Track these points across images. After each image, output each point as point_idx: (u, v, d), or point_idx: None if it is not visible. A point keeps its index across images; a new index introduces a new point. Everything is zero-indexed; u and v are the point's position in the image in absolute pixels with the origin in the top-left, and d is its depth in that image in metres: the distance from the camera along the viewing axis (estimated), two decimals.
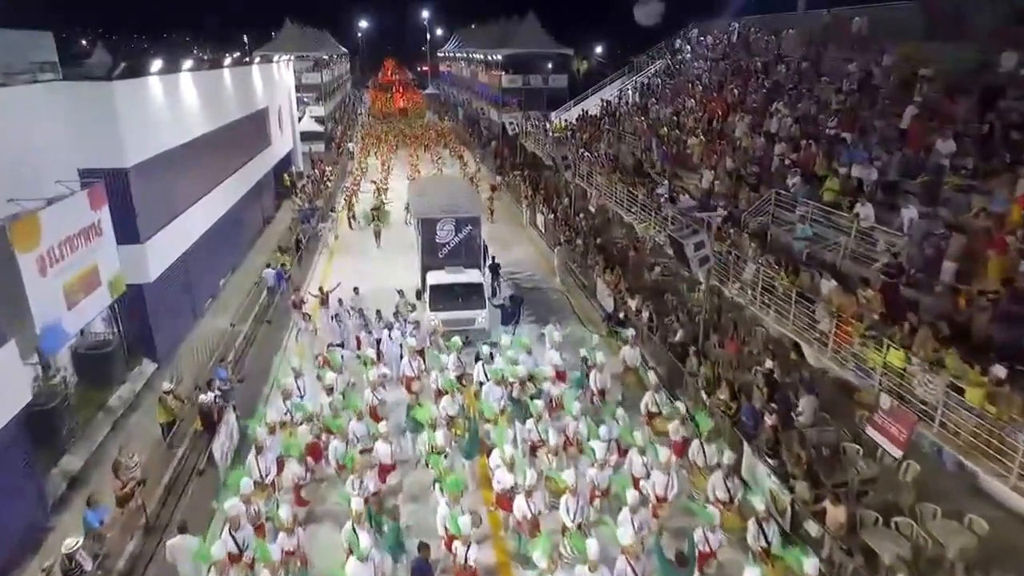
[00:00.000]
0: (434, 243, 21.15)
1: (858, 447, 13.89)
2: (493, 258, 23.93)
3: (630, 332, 17.65)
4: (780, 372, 16.08)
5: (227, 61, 27.97)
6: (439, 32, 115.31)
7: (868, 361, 12.67)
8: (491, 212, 33.31)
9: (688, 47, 40.79)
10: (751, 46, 33.40)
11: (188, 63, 22.24)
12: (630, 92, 38.23)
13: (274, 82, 39.20)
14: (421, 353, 18.19)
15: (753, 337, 19.05)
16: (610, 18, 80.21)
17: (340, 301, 19.89)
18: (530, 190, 36.35)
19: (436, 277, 20.46)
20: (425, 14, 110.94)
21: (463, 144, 61.72)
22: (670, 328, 19.46)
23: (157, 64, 19.21)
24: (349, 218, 33.48)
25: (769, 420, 13.94)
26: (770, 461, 13.55)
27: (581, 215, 30.04)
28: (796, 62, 27.92)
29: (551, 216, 31.49)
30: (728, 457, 12.32)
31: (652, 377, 15.25)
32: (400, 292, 19.80)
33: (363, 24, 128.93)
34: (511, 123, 42.48)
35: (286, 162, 43.20)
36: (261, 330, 21.21)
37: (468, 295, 19.95)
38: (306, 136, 56.61)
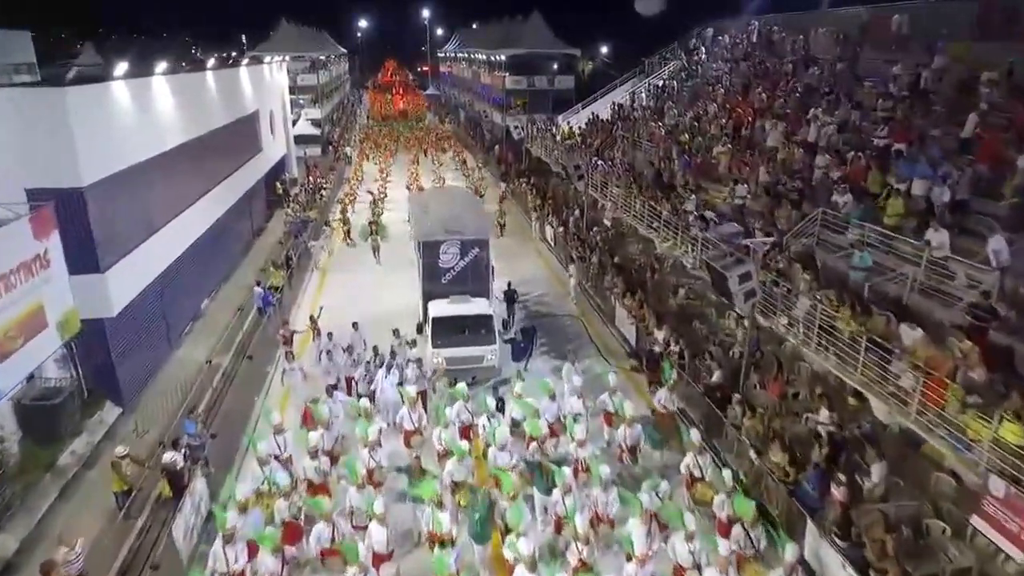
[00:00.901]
0: (436, 268, 18.83)
1: (943, 525, 11.59)
2: (509, 284, 21.61)
3: (672, 374, 15.37)
4: (838, 423, 13.82)
5: (210, 63, 25.61)
6: (439, 32, 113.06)
7: (969, 430, 10.36)
8: (500, 226, 31.01)
9: (703, 47, 38.46)
10: (775, 46, 31.08)
11: (162, 65, 19.86)
12: (643, 95, 35.92)
13: (265, 84, 36.93)
14: (423, 397, 15.93)
15: (798, 375, 16.75)
16: (615, 17, 78.00)
17: (330, 335, 17.57)
18: (538, 200, 34.04)
19: (439, 308, 18.12)
20: (426, 13, 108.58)
21: (465, 147, 59.44)
22: (703, 365, 17.16)
23: (123, 67, 16.84)
24: (345, 231, 31.14)
25: (838, 493, 11.64)
26: (840, 544, 11.26)
27: (595, 229, 27.73)
28: (830, 63, 25.59)
29: (561, 229, 29.20)
30: (792, 552, 10.04)
31: (695, 437, 12.92)
32: (395, 332, 17.37)
33: (363, 24, 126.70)
34: (516, 127, 40.21)
35: (279, 168, 40.92)
36: (242, 366, 18.85)
37: (476, 329, 17.64)
38: (302, 140, 54.42)
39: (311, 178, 40.82)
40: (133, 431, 15.46)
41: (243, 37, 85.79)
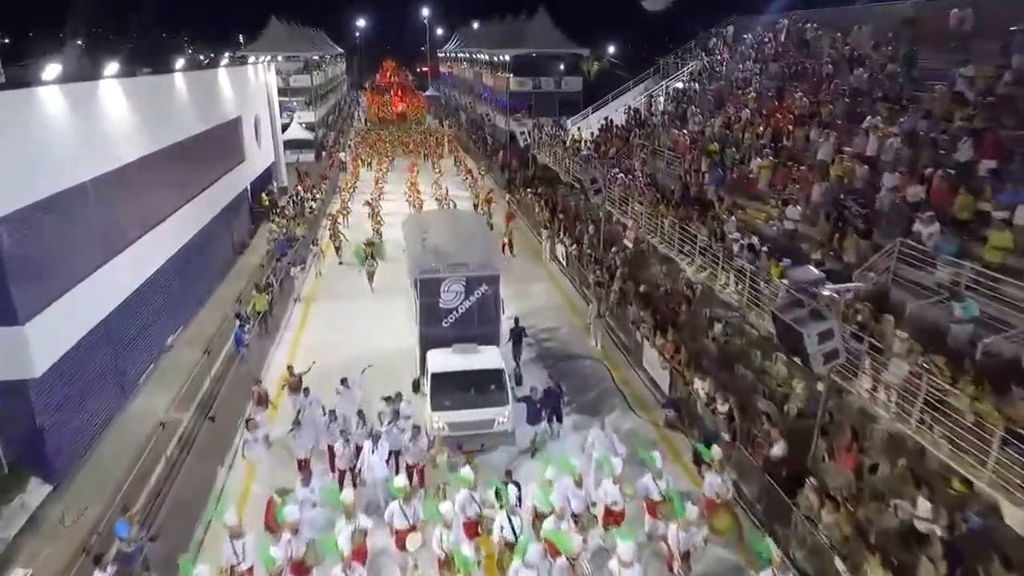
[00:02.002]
0: (436, 309, 15.84)
1: None
2: (516, 320, 18.50)
3: (715, 452, 12.37)
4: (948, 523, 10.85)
5: (179, 63, 22.70)
6: (440, 32, 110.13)
7: None
8: (509, 247, 28.08)
9: (724, 46, 35.50)
10: (809, 45, 28.11)
11: (113, 67, 16.89)
12: (661, 99, 32.95)
13: (250, 87, 33.99)
14: (420, 474, 13.04)
15: (870, 440, 13.78)
16: (622, 15, 74.96)
17: (307, 391, 14.64)
18: (547, 213, 31.08)
19: (440, 361, 15.05)
20: (426, 12, 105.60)
21: (466, 152, 56.46)
22: (760, 431, 14.19)
23: (55, 70, 13.85)
24: (336, 247, 28.15)
25: None
26: None
27: (613, 249, 24.76)
28: (881, 65, 22.63)
29: (574, 248, 26.23)
30: None
31: (774, 550, 9.92)
32: (388, 399, 14.16)
33: (361, 23, 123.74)
34: (522, 133, 37.21)
35: (266, 178, 38.01)
36: (203, 429, 15.85)
37: (484, 386, 14.63)
38: (294, 144, 51.68)
39: (301, 187, 37.84)
40: (60, 521, 12.50)
41: (241, 37, 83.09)
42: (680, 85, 34.70)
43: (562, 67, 51.27)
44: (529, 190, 35.07)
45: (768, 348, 17.06)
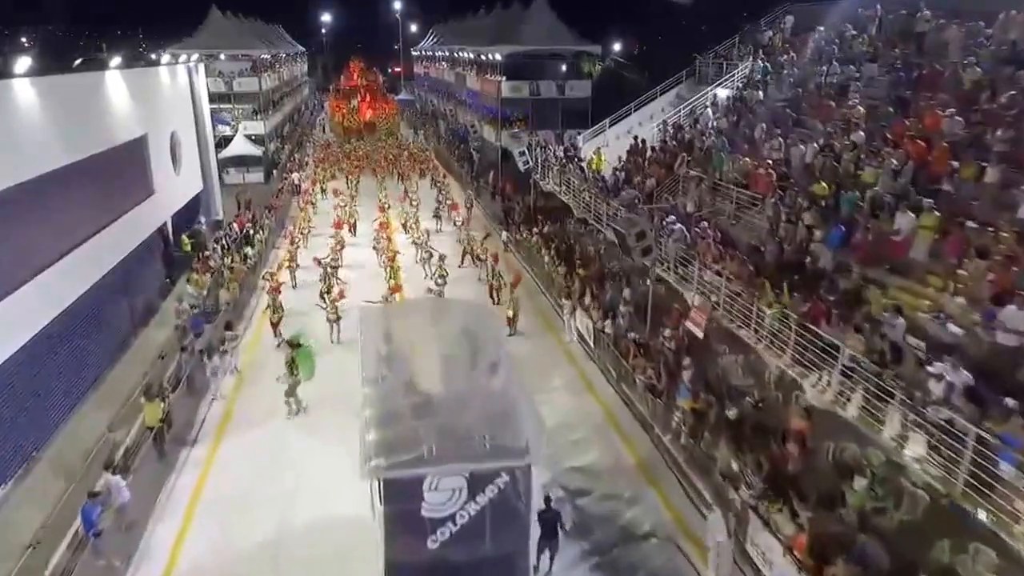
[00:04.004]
0: (416, 522, 8.92)
1: None
2: (547, 501, 11.58)
3: None
4: None
5: (20, 67, 15.71)
6: (413, 29, 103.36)
7: None
8: (512, 321, 21.38)
9: (783, 43, 29.13)
10: (925, 40, 21.66)
11: None
12: (709, 111, 26.36)
13: (163, 96, 27.04)
14: None
15: None
16: (631, 6, 68.33)
17: None
18: (560, 265, 24.32)
19: None
20: (398, 5, 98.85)
21: (447, 169, 49.55)
22: None
23: None
24: (273, 323, 21.09)
25: None
26: None
27: (666, 334, 18.05)
28: None
29: (607, 324, 19.48)
30: None
31: None
32: None
33: (326, 18, 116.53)
34: (522, 155, 30.39)
35: (192, 211, 30.95)
36: None
37: None
38: (236, 162, 44.72)
39: (236, 224, 30.75)
40: None
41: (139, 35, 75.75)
42: (724, 93, 28.26)
43: (564, 68, 44.74)
44: (535, 230, 28.26)
45: (965, 534, 10.48)
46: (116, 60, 22.59)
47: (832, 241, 15.47)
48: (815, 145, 18.77)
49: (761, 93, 24.38)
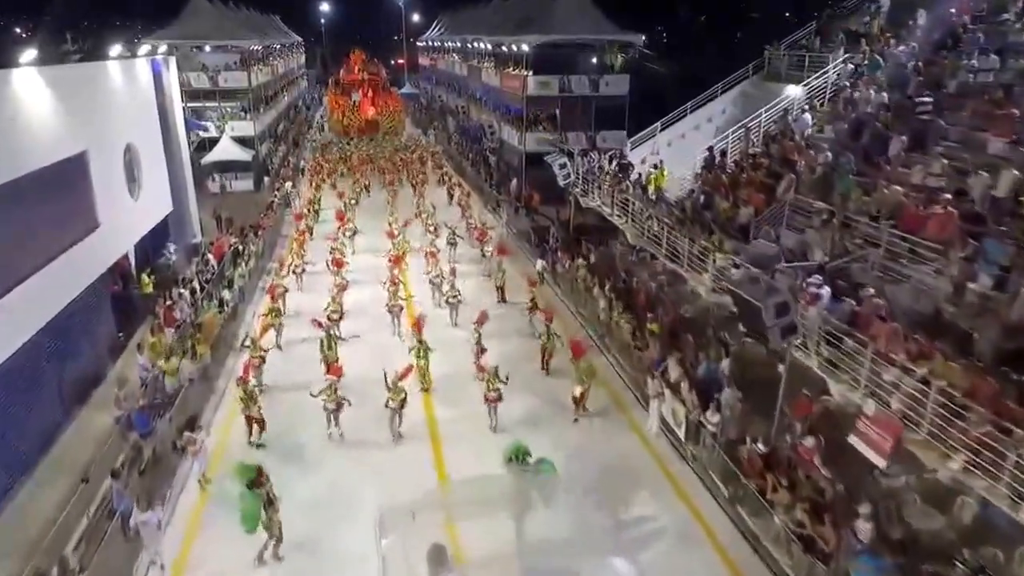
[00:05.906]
0: None
1: None
2: None
3: None
4: None
5: None
6: (416, 18, 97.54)
7: None
8: (580, 400, 15.95)
9: (880, 34, 23.64)
10: None
11: None
12: (807, 116, 20.76)
13: (117, 99, 21.54)
14: None
15: None
16: None
17: None
18: (627, 315, 18.88)
19: None
20: None
21: (460, 174, 43.91)
22: None
23: None
24: (252, 423, 15.54)
25: None
26: None
27: (809, 444, 12.62)
28: None
29: (714, 421, 14.04)
30: None
31: None
32: None
33: (325, 7, 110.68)
34: (562, 166, 24.73)
35: (159, 239, 25.51)
36: None
37: None
38: (222, 168, 39.36)
39: (212, 255, 25.20)
40: None
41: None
42: (796, 91, 22.82)
43: (594, 60, 39.02)
44: (580, 263, 22.70)
45: None
46: (30, 54, 16.97)
47: None
48: (1015, 172, 13.23)
49: (887, 95, 18.74)
